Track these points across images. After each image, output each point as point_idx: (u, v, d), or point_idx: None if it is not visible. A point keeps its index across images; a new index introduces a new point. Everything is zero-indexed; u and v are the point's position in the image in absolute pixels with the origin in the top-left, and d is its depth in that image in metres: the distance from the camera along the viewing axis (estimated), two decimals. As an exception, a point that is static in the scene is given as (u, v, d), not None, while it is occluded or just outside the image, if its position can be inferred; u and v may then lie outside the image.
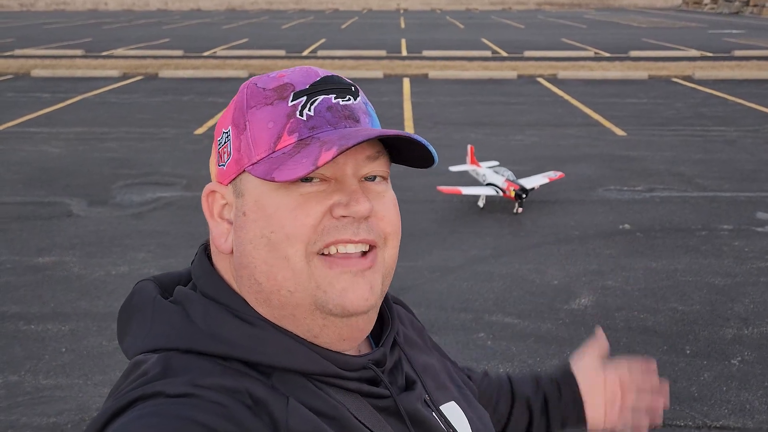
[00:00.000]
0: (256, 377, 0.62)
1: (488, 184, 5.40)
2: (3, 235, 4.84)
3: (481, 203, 5.43)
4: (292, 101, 0.64)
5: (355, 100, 0.67)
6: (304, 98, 0.64)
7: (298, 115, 0.64)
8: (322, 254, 0.64)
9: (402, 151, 0.68)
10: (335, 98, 0.65)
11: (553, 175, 5.65)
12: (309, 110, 0.64)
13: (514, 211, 5.30)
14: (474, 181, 5.76)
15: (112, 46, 17.36)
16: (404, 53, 16.05)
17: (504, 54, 15.98)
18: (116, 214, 5.31)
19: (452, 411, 0.76)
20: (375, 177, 0.67)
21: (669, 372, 3.21)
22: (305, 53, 16.14)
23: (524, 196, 5.20)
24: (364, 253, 0.65)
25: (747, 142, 7.59)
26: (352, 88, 0.68)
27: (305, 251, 0.63)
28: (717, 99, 10.25)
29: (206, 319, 0.65)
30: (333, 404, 0.64)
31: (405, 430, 0.68)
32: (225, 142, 0.67)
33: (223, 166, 0.67)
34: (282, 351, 0.64)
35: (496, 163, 5.91)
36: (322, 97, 0.65)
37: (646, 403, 0.95)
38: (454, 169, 5.83)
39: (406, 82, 11.78)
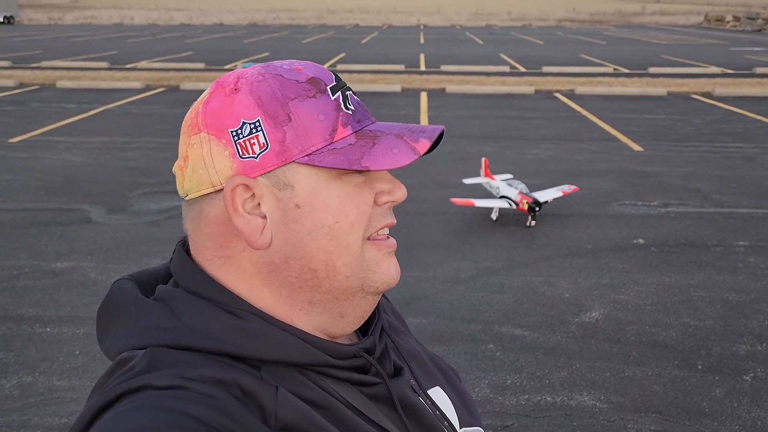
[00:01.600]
0: (244, 369, 0.62)
1: (501, 197, 5.41)
2: (23, 240, 4.95)
3: (494, 216, 5.43)
4: (333, 95, 0.67)
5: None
6: (340, 93, 0.68)
7: (344, 109, 0.67)
8: (369, 239, 0.69)
9: None
10: (353, 94, 0.70)
11: (567, 188, 5.64)
12: (350, 104, 0.68)
13: (527, 224, 5.29)
14: (487, 194, 5.77)
15: (136, 58, 17.69)
16: (423, 68, 16.14)
17: (522, 69, 16.00)
18: (134, 221, 5.40)
19: (438, 395, 0.78)
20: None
21: (680, 387, 3.18)
22: (324, 67, 16.27)
23: (537, 209, 5.19)
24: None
25: (766, 159, 7.50)
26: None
27: (361, 238, 0.67)
28: (736, 116, 10.16)
29: (192, 315, 0.64)
30: (324, 394, 0.64)
31: (395, 416, 0.69)
32: (253, 133, 0.64)
33: (254, 158, 0.64)
34: (272, 343, 0.64)
35: (509, 176, 5.92)
36: (348, 92, 0.69)
37: None
38: (467, 181, 5.85)
39: (424, 95, 11.84)
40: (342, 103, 0.67)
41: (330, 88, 0.67)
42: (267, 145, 0.64)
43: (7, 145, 7.92)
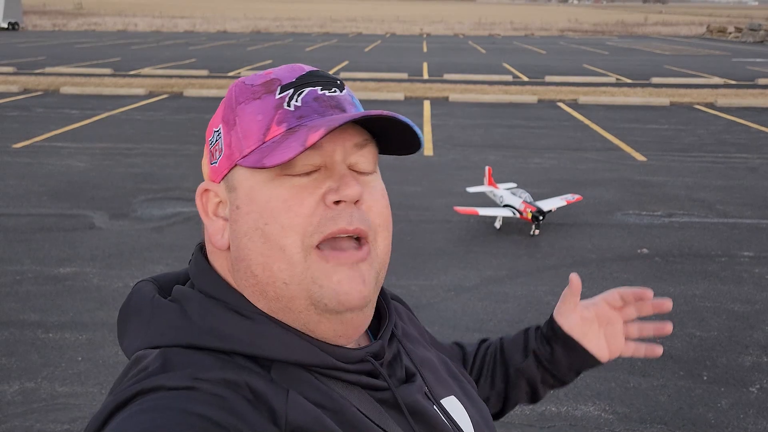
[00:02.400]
0: (255, 371, 0.63)
1: (505, 206, 5.40)
2: (27, 246, 4.94)
3: (497, 224, 5.43)
4: (279, 94, 0.66)
5: (341, 92, 0.69)
6: (291, 90, 0.66)
7: (285, 106, 0.65)
8: (319, 248, 0.64)
9: (390, 140, 0.69)
10: (321, 90, 0.67)
11: (571, 198, 5.63)
12: (296, 101, 0.65)
13: (531, 232, 5.28)
14: (491, 203, 5.77)
15: (139, 65, 17.75)
16: (426, 76, 16.18)
17: (525, 79, 16.04)
18: (137, 227, 5.39)
19: (453, 405, 0.77)
20: (364, 172, 0.68)
21: (685, 398, 3.16)
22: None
23: (541, 218, 5.18)
24: (357, 245, 0.66)
25: (770, 170, 7.50)
26: (338, 81, 0.70)
27: (302, 243, 0.63)
28: (739, 126, 10.16)
29: (204, 315, 0.65)
30: (333, 396, 0.64)
31: (405, 422, 0.69)
32: (216, 140, 0.68)
33: (215, 163, 0.68)
34: (281, 344, 0.65)
35: (513, 185, 5.91)
36: (308, 89, 0.67)
37: (647, 314, 0.93)
38: (471, 190, 5.85)
39: (427, 104, 11.86)
40: (287, 100, 0.66)
41: (281, 86, 0.66)
42: (222, 150, 0.68)
43: (11, 151, 7.94)
